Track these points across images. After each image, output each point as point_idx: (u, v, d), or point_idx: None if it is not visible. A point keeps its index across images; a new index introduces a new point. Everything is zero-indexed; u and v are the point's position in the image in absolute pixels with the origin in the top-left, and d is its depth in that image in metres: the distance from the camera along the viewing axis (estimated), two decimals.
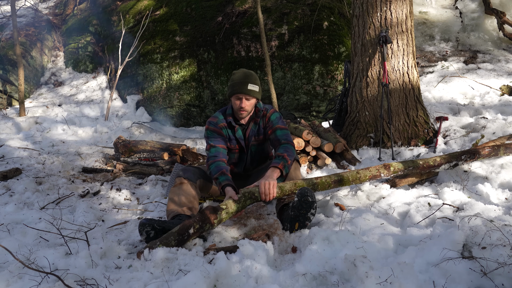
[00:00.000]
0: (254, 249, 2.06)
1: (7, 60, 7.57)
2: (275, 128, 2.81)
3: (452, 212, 2.49)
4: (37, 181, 3.71)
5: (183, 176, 2.69)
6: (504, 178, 2.95)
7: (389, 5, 3.96)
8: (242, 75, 2.76)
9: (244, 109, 2.75)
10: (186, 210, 2.53)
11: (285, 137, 2.78)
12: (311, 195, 2.40)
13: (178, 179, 2.71)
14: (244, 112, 2.78)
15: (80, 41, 8.37)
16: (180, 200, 2.59)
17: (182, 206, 2.56)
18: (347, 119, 4.39)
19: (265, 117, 2.87)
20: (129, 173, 4.29)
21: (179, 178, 2.70)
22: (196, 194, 2.68)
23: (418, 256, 1.91)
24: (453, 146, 3.93)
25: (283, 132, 2.80)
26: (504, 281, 1.66)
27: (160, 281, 1.91)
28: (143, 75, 6.95)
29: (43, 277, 1.92)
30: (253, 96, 2.74)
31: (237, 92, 2.72)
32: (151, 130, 6.18)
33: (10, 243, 2.30)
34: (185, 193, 2.62)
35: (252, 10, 6.50)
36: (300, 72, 5.98)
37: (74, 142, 5.64)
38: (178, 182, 2.69)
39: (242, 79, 2.73)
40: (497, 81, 5.79)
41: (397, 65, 4.06)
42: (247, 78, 2.73)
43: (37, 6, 9.57)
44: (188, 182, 2.66)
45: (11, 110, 7.01)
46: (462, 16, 7.73)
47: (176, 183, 2.69)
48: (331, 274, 1.85)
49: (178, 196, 2.62)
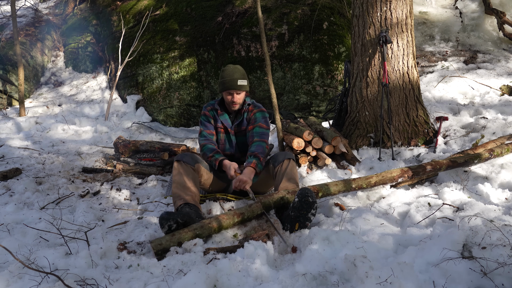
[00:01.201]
0: (254, 249, 2.06)
1: (7, 60, 7.57)
2: (255, 125, 3.04)
3: (452, 212, 2.49)
4: (37, 181, 3.71)
5: (182, 160, 2.81)
6: (504, 178, 2.95)
7: (389, 5, 3.96)
8: (231, 72, 3.00)
9: (236, 103, 3.03)
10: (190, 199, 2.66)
11: (260, 135, 3.00)
12: (311, 195, 2.41)
13: (177, 163, 2.80)
14: (236, 105, 3.05)
15: (80, 41, 8.37)
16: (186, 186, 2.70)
17: (188, 194, 2.68)
18: (347, 119, 4.39)
19: (251, 112, 3.10)
20: (129, 173, 4.29)
21: (178, 162, 2.80)
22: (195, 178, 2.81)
23: (418, 256, 1.91)
24: (453, 146, 3.93)
25: (261, 131, 3.03)
26: (504, 281, 1.66)
27: (160, 281, 1.91)
28: (143, 75, 6.95)
29: (43, 277, 1.92)
30: (243, 91, 3.01)
31: (228, 88, 2.98)
32: (151, 130, 6.18)
33: (10, 243, 2.30)
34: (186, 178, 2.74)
35: (252, 10, 6.50)
36: (300, 72, 5.98)
37: (74, 142, 5.63)
38: (176, 165, 2.79)
39: (232, 75, 2.98)
40: (497, 81, 5.79)
41: (397, 65, 4.06)
42: (236, 74, 2.98)
43: (37, 6, 9.57)
44: (186, 165, 2.78)
45: (11, 110, 7.01)
46: (462, 16, 7.73)
47: (175, 166, 2.80)
48: (331, 274, 1.85)
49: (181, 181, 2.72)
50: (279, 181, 2.78)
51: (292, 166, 2.82)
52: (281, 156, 2.87)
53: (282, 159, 2.84)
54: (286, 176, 2.77)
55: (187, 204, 2.61)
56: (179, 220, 2.37)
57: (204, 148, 3.01)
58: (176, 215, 2.39)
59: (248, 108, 3.11)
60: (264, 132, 3.03)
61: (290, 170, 2.80)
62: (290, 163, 2.82)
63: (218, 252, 2.19)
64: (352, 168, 3.71)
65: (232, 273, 1.88)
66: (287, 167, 2.80)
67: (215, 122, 3.14)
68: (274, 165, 2.86)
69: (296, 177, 2.83)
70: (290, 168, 2.80)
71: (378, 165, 3.63)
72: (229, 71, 3.00)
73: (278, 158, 2.87)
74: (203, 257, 2.14)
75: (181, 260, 2.09)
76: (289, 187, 2.73)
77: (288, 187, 2.72)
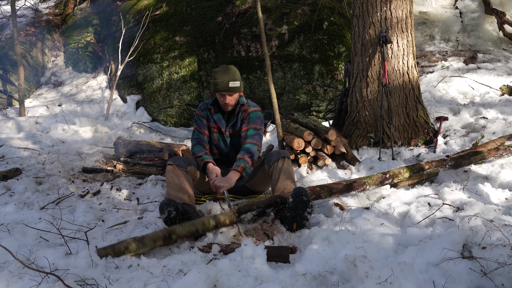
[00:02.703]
0: (254, 249, 2.06)
1: (7, 60, 7.57)
2: (249, 126, 2.99)
3: (452, 212, 2.49)
4: (37, 181, 3.71)
5: (174, 163, 2.80)
6: (504, 178, 2.95)
7: (389, 5, 3.96)
8: (223, 73, 2.94)
9: (228, 104, 3.00)
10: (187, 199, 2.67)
11: (253, 137, 2.95)
12: (305, 194, 2.42)
13: (170, 166, 2.80)
14: (229, 106, 3.02)
15: (80, 41, 8.36)
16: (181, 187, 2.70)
17: (185, 194, 2.68)
18: (347, 119, 4.39)
19: (245, 112, 3.05)
20: (129, 173, 4.29)
21: (171, 166, 2.80)
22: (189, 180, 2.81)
23: (418, 256, 1.91)
24: (453, 146, 3.93)
25: (254, 132, 2.97)
26: (504, 281, 1.66)
27: (160, 281, 1.91)
28: (143, 75, 6.95)
29: (43, 277, 1.92)
30: (235, 92, 2.96)
31: (219, 90, 2.94)
32: (151, 130, 6.17)
33: (10, 243, 2.30)
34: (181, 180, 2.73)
35: (252, 10, 6.50)
36: (300, 72, 5.98)
37: (74, 142, 5.63)
38: (170, 169, 2.79)
39: (224, 77, 2.92)
40: (497, 81, 5.78)
41: (397, 65, 4.06)
42: (228, 76, 2.93)
43: (37, 6, 9.56)
44: (178, 168, 2.77)
45: (11, 110, 7.01)
46: (462, 16, 7.73)
47: (168, 169, 2.79)
48: (331, 274, 1.85)
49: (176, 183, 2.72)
50: (275, 180, 2.78)
51: (287, 164, 2.83)
52: (276, 155, 2.87)
53: (277, 158, 2.84)
54: (282, 175, 2.77)
55: (185, 204, 2.62)
56: (179, 207, 2.39)
57: (194, 148, 3.02)
58: (177, 203, 2.41)
59: (242, 108, 3.08)
60: (257, 133, 2.99)
61: (286, 168, 2.80)
62: (285, 162, 2.83)
63: (218, 252, 2.19)
64: (352, 168, 3.71)
65: (232, 273, 1.88)
66: (282, 166, 2.80)
67: (208, 122, 3.13)
68: (270, 164, 2.87)
69: (292, 176, 2.84)
70: (285, 166, 2.80)
71: (378, 165, 3.63)
72: (220, 73, 2.95)
73: (273, 158, 2.87)
74: (203, 257, 2.14)
75: (181, 260, 2.09)
76: (286, 186, 2.73)
77: (285, 186, 2.73)
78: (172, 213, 2.37)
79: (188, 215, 2.46)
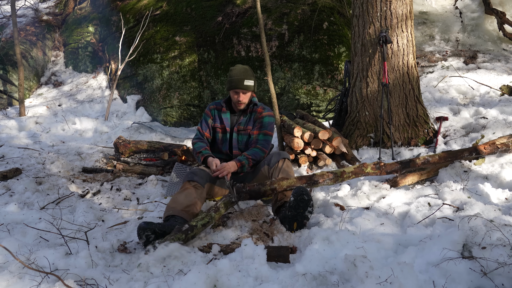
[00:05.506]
0: (254, 249, 2.07)
1: (7, 60, 7.57)
2: (261, 131, 3.09)
3: (452, 212, 2.48)
4: (37, 181, 3.71)
5: (194, 179, 2.79)
6: (504, 178, 2.95)
7: (389, 5, 3.96)
8: (239, 72, 3.08)
9: (242, 102, 3.10)
10: (182, 212, 2.56)
11: (263, 143, 3.07)
12: (306, 193, 2.44)
13: (188, 183, 2.77)
14: (242, 104, 3.12)
15: (80, 41, 8.36)
16: (180, 201, 2.62)
17: (181, 207, 2.58)
18: (347, 119, 4.39)
19: (259, 114, 3.13)
20: (129, 173, 4.29)
21: (191, 182, 2.78)
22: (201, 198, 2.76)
23: (418, 256, 1.91)
24: (453, 146, 3.93)
25: (265, 138, 3.09)
26: (504, 281, 1.66)
27: (160, 281, 1.91)
28: (143, 75, 6.95)
29: (43, 277, 1.92)
30: (249, 90, 3.09)
31: (234, 87, 3.06)
32: (151, 130, 6.17)
33: (10, 243, 2.30)
34: (189, 196, 2.66)
35: (252, 10, 6.50)
36: (300, 72, 5.98)
37: (74, 142, 5.63)
38: (188, 186, 2.76)
39: (239, 75, 3.06)
40: (497, 81, 5.78)
41: (397, 65, 4.06)
42: (243, 74, 3.06)
43: (37, 6, 9.56)
44: (198, 186, 2.77)
45: (11, 110, 7.01)
46: (462, 16, 7.73)
47: (186, 186, 2.75)
48: (331, 274, 1.85)
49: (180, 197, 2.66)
50: None
51: (287, 165, 2.87)
52: (276, 157, 2.90)
53: (277, 159, 2.88)
54: (282, 175, 2.78)
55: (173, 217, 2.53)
56: (157, 230, 2.30)
57: (195, 145, 3.14)
58: (155, 225, 2.33)
59: (256, 109, 3.16)
60: (268, 139, 3.10)
61: (286, 169, 2.82)
62: (285, 163, 2.86)
63: (218, 252, 2.19)
64: None
65: (232, 273, 1.89)
66: (282, 167, 2.83)
67: (214, 122, 3.20)
68: (270, 165, 2.89)
69: (292, 176, 2.84)
70: (285, 167, 2.83)
71: None
72: (237, 71, 3.09)
73: (273, 159, 2.91)
74: (203, 257, 2.14)
75: (181, 260, 2.09)
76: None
77: None
78: (150, 237, 2.29)
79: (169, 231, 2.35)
